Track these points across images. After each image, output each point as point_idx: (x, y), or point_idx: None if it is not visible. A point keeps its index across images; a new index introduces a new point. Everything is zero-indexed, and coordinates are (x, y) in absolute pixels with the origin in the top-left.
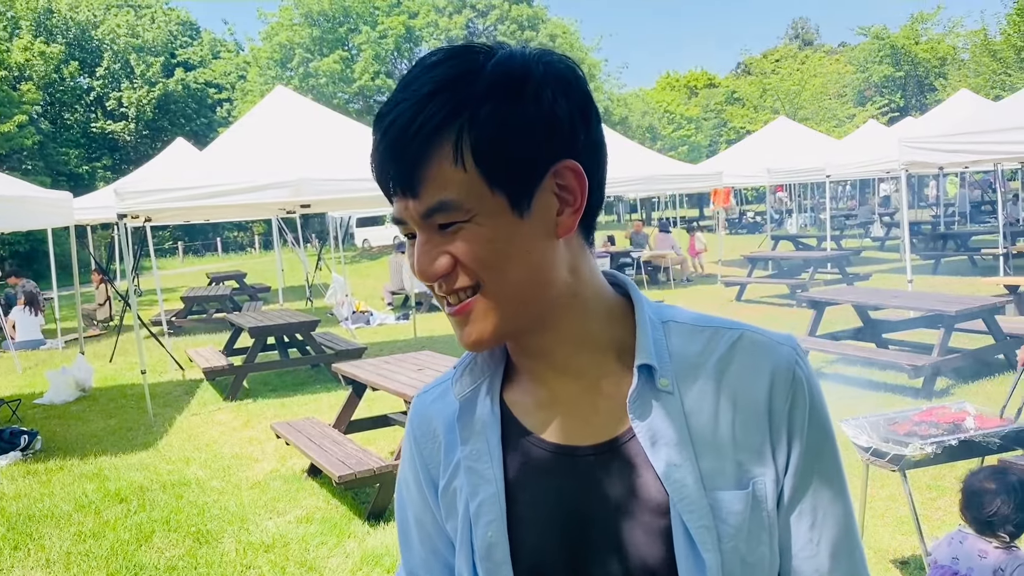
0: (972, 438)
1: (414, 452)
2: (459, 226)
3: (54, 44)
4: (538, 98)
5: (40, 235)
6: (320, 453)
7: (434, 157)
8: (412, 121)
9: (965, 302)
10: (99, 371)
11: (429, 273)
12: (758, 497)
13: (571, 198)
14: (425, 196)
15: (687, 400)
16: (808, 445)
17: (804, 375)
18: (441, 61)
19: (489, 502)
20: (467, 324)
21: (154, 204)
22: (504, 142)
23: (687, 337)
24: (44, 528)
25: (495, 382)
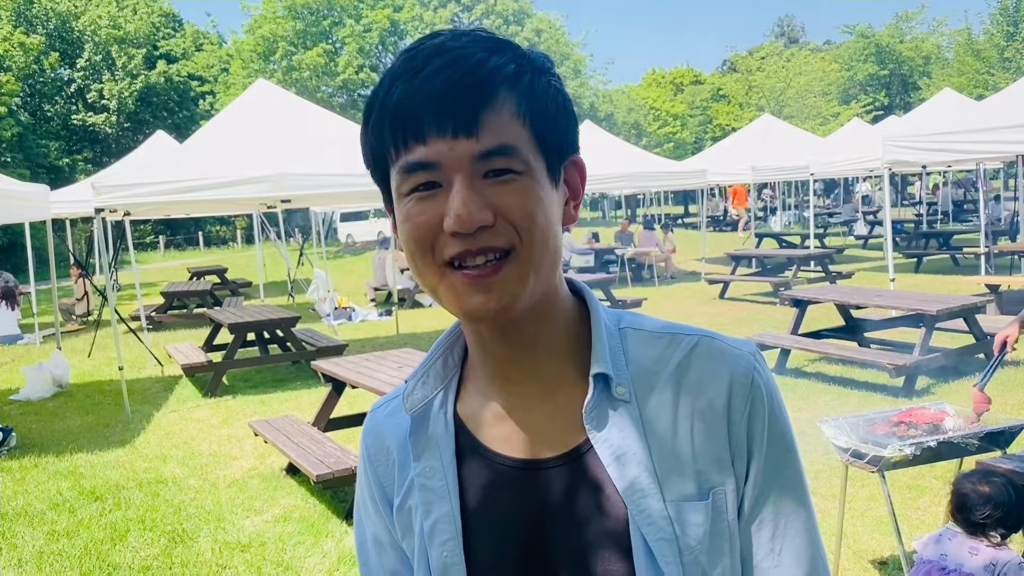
0: (951, 439)
1: (368, 470)
2: (513, 177)
3: (34, 35)
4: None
5: (18, 228)
6: (298, 452)
7: (500, 102)
8: (484, 63)
9: (946, 301)
10: (77, 367)
11: (475, 218)
12: (718, 507)
13: (574, 192)
14: (485, 137)
15: (645, 409)
16: (768, 453)
17: (763, 382)
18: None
19: (444, 521)
20: (490, 290)
21: (132, 198)
22: (553, 113)
23: (644, 344)
24: (17, 527)
25: (448, 395)
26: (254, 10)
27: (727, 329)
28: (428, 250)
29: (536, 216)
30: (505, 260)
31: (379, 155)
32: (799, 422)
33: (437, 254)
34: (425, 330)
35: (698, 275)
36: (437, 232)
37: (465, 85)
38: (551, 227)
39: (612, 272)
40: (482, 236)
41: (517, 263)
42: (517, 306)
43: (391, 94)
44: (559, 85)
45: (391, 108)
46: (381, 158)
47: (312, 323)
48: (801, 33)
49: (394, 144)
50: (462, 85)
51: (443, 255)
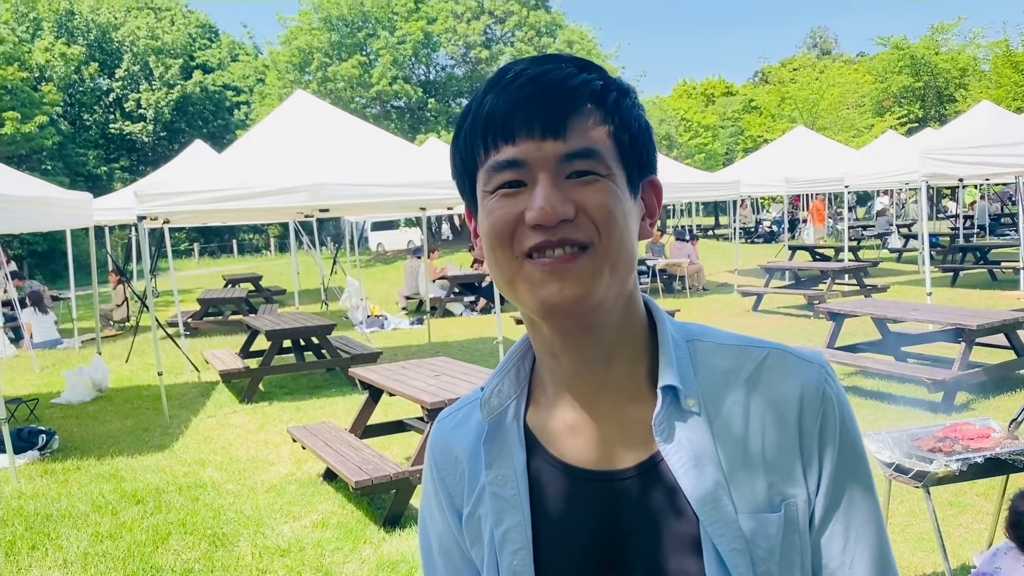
0: (998, 456)
1: (436, 480)
2: (596, 178)
3: (75, 45)
4: (644, 119)
5: (58, 235)
6: (336, 458)
7: (587, 112)
8: (572, 78)
9: (986, 316)
10: (115, 371)
11: (558, 212)
12: (790, 519)
13: (651, 210)
14: (571, 139)
15: (715, 420)
16: (839, 465)
17: (834, 394)
18: (555, 57)
19: (515, 530)
20: (565, 279)
21: (173, 207)
22: (636, 130)
23: (713, 356)
24: (62, 528)
25: (520, 405)
26: (290, 21)
27: None
28: (507, 242)
29: (616, 214)
30: (582, 253)
31: (469, 159)
32: None
33: (516, 246)
34: (456, 339)
35: (730, 287)
36: (517, 224)
37: (555, 92)
38: (628, 229)
39: (643, 283)
40: (562, 229)
41: (593, 257)
42: (590, 299)
43: (484, 103)
44: (640, 110)
45: (484, 114)
46: (471, 162)
47: (345, 330)
48: (834, 44)
49: (484, 146)
50: (552, 92)
51: (522, 246)
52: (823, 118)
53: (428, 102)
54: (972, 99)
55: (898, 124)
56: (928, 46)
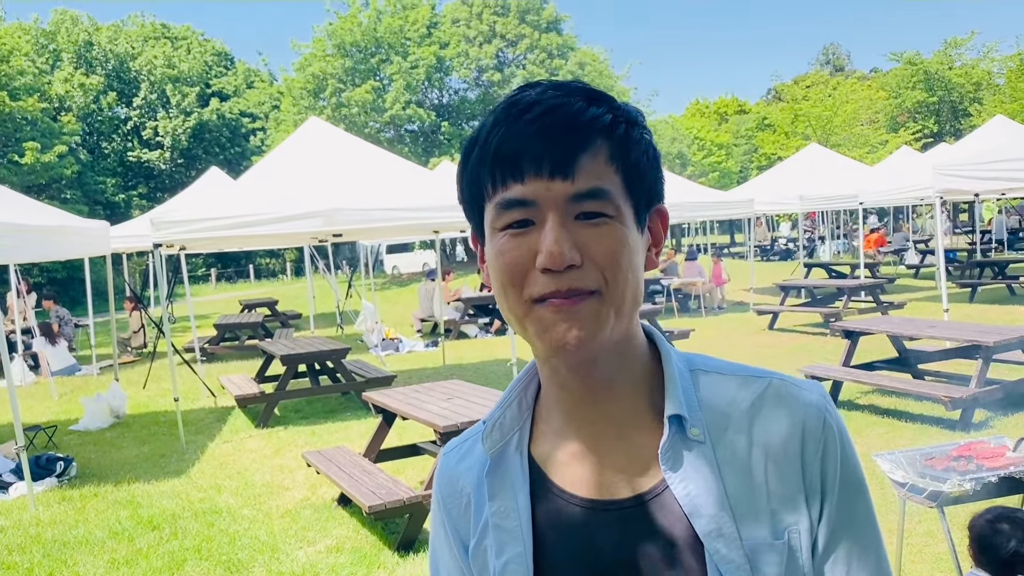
0: (1012, 474)
1: (443, 513)
2: (604, 220)
3: (93, 75)
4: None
5: (77, 262)
6: (350, 482)
7: (596, 149)
8: (582, 112)
9: (1004, 332)
10: (133, 398)
11: (565, 256)
12: (793, 547)
13: (657, 239)
14: (581, 179)
15: (719, 450)
16: (841, 493)
17: (834, 423)
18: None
19: (515, 561)
20: (571, 320)
21: (189, 234)
22: (644, 162)
23: (716, 386)
24: (79, 555)
25: (523, 436)
26: (304, 48)
27: (777, 360)
28: (518, 285)
29: (621, 260)
30: (589, 296)
31: (476, 191)
32: None
33: (526, 289)
34: (471, 361)
35: (746, 305)
36: (528, 268)
37: (564, 130)
38: (634, 271)
39: (658, 303)
40: (570, 275)
41: (601, 301)
42: (595, 342)
43: (492, 135)
44: (649, 138)
45: (492, 148)
46: (478, 194)
47: (360, 354)
48: (847, 61)
49: (492, 181)
50: (561, 129)
51: (531, 291)
52: (837, 135)
53: (441, 126)
54: (987, 113)
55: (912, 140)
56: (942, 61)
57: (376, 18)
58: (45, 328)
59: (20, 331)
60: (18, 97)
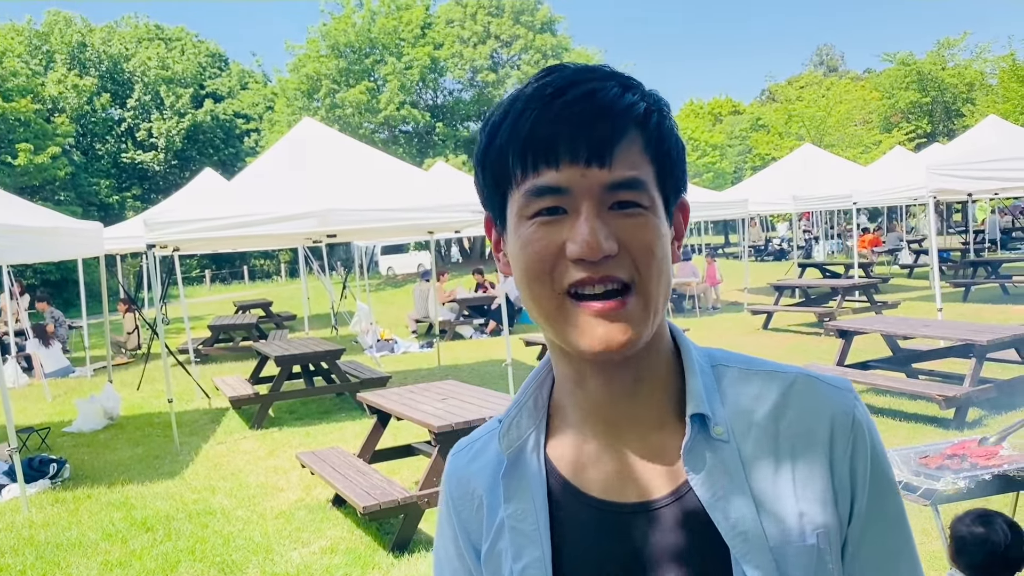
0: (1006, 472)
1: (452, 515)
2: (639, 211)
3: (87, 77)
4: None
5: (70, 264)
6: (345, 483)
7: (633, 138)
8: (619, 99)
9: (997, 331)
10: (127, 399)
11: (602, 247)
12: (823, 549)
13: (678, 230)
14: (618, 168)
15: (744, 449)
16: (872, 492)
17: (864, 420)
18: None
19: (534, 565)
20: (612, 323)
21: (183, 234)
22: (675, 153)
23: (739, 382)
24: (72, 556)
25: (539, 437)
26: (298, 49)
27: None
28: (547, 276)
29: (656, 251)
30: (628, 294)
31: (501, 176)
32: None
33: (556, 281)
34: (466, 362)
35: (741, 305)
36: (558, 258)
37: (601, 116)
38: (666, 263)
39: None
40: (605, 265)
41: (640, 297)
42: (640, 341)
43: (523, 117)
44: (676, 127)
45: (524, 131)
46: (503, 179)
47: (355, 355)
48: (840, 62)
49: (523, 166)
50: (598, 115)
51: (562, 282)
52: (831, 135)
53: (436, 126)
54: (980, 114)
55: (906, 140)
56: (935, 61)
57: (370, 19)
58: (39, 330)
59: (13, 333)
60: (11, 98)
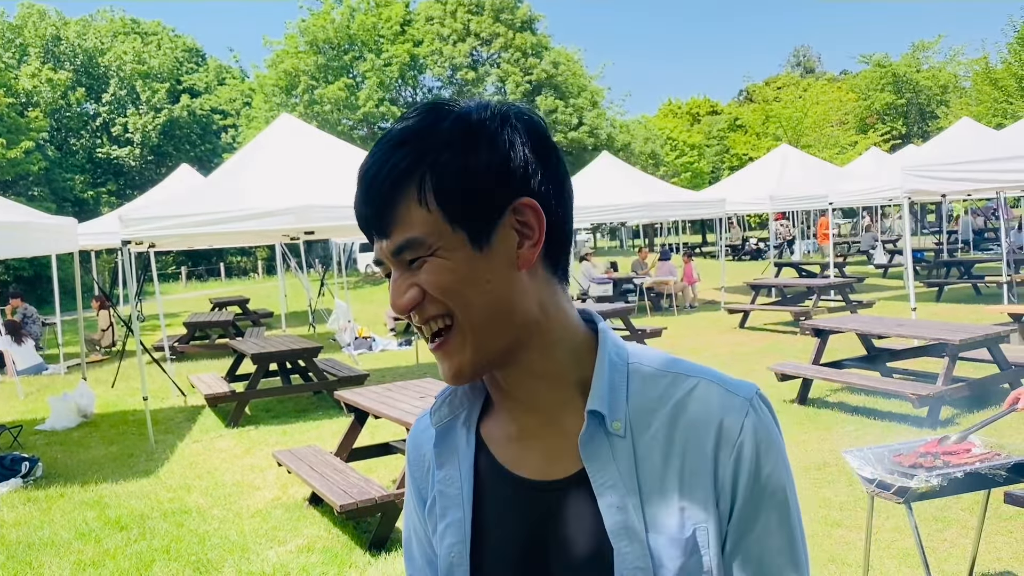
0: (978, 470)
1: (409, 473)
2: (423, 260)
3: (62, 71)
4: (492, 145)
5: (44, 260)
6: (322, 482)
7: (400, 200)
8: (381, 169)
9: (969, 331)
10: (101, 397)
11: (400, 305)
12: (698, 543)
13: (529, 232)
14: (394, 235)
15: (639, 444)
16: (753, 495)
17: (753, 426)
18: (411, 116)
19: (454, 525)
20: (443, 360)
21: (158, 231)
22: (460, 184)
23: (647, 382)
24: (44, 556)
25: (472, 414)
26: (276, 45)
27: (748, 358)
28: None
29: (449, 287)
30: (450, 330)
31: None
32: (822, 452)
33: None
34: None
35: (718, 304)
36: None
37: (372, 194)
38: (474, 289)
39: (631, 301)
40: (421, 311)
41: (459, 332)
42: (470, 368)
43: (356, 195)
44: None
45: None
46: None
47: (333, 353)
48: (817, 63)
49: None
50: (371, 194)
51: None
52: (807, 136)
53: None
54: (953, 116)
55: (881, 141)
56: (910, 64)
57: (349, 15)
58: (11, 327)
59: None
60: None
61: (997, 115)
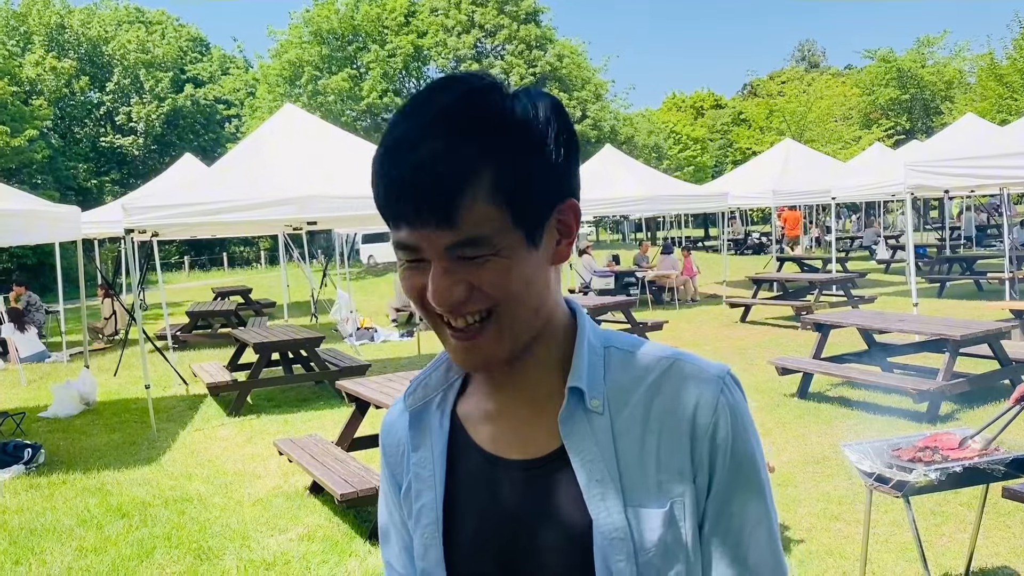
0: (976, 465)
1: (384, 458)
2: (486, 259)
3: (66, 59)
4: (557, 145)
5: (47, 248)
6: (322, 470)
7: (469, 194)
8: (449, 157)
9: (970, 326)
10: (103, 385)
11: (450, 301)
12: (676, 516)
13: (567, 231)
14: (459, 230)
15: (617, 421)
16: (730, 470)
17: (728, 403)
18: (466, 97)
19: (428, 507)
20: (469, 351)
21: (161, 220)
22: (531, 185)
23: (624, 363)
24: (46, 543)
25: (448, 396)
26: (280, 35)
27: (749, 352)
28: (420, 304)
29: (510, 287)
30: (487, 322)
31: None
32: (821, 446)
33: (428, 308)
34: None
35: (719, 298)
36: (424, 295)
37: (433, 184)
38: (529, 287)
39: (633, 295)
40: (460, 307)
41: (497, 324)
42: (495, 363)
43: (378, 179)
44: (545, 138)
45: (379, 195)
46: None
47: (335, 343)
48: (822, 58)
49: (387, 220)
50: (434, 184)
51: (434, 310)
52: (811, 130)
53: None
54: (958, 111)
55: (885, 136)
56: (915, 59)
57: (354, 5)
58: (14, 314)
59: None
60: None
61: (1002, 111)
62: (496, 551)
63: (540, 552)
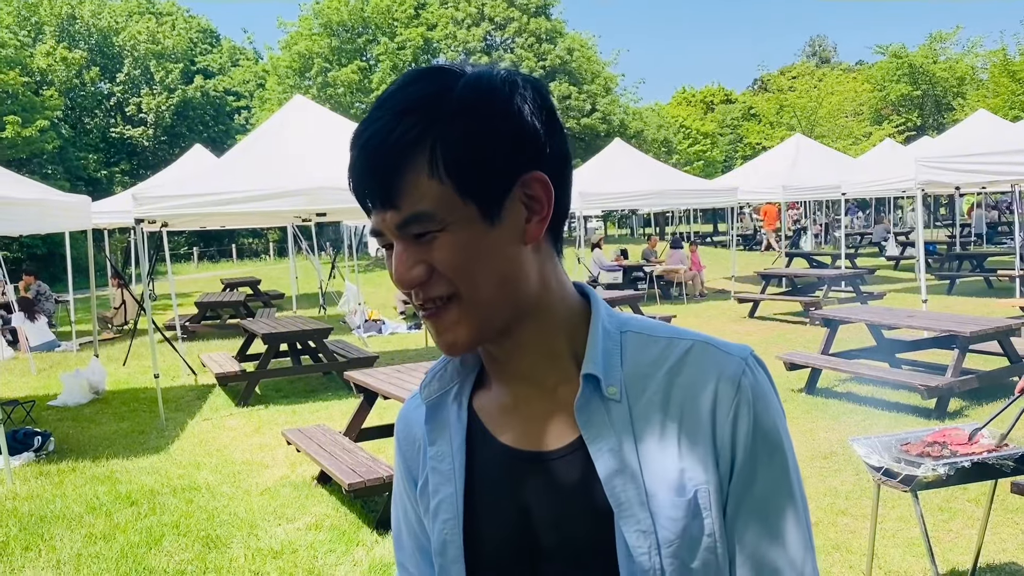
0: (985, 460)
1: (399, 453)
2: (433, 235)
3: (76, 50)
4: (506, 114)
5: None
6: (330, 460)
7: (409, 170)
8: (388, 136)
9: (980, 323)
10: (113, 374)
11: (407, 280)
12: (700, 504)
13: (538, 207)
14: (401, 208)
15: (636, 408)
16: (753, 454)
17: (750, 385)
18: (415, 80)
19: (447, 501)
20: (439, 331)
21: (171, 210)
22: (473, 155)
23: (641, 347)
24: (55, 529)
25: (465, 388)
26: (290, 27)
27: (757, 347)
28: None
29: (460, 264)
30: (448, 303)
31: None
32: (829, 442)
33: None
34: None
35: (728, 293)
36: None
37: (376, 162)
38: (488, 265)
39: (641, 289)
40: (425, 288)
41: (459, 305)
42: (468, 340)
43: (352, 162)
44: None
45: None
46: None
47: (343, 335)
48: (833, 53)
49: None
50: (375, 163)
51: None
52: (821, 126)
53: None
54: (970, 108)
55: (896, 132)
56: (926, 55)
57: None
58: (24, 303)
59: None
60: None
61: (1014, 107)
62: (516, 545)
63: (560, 546)
